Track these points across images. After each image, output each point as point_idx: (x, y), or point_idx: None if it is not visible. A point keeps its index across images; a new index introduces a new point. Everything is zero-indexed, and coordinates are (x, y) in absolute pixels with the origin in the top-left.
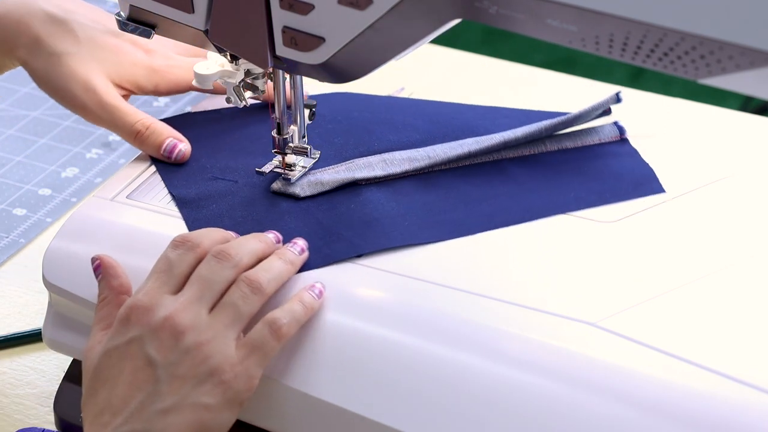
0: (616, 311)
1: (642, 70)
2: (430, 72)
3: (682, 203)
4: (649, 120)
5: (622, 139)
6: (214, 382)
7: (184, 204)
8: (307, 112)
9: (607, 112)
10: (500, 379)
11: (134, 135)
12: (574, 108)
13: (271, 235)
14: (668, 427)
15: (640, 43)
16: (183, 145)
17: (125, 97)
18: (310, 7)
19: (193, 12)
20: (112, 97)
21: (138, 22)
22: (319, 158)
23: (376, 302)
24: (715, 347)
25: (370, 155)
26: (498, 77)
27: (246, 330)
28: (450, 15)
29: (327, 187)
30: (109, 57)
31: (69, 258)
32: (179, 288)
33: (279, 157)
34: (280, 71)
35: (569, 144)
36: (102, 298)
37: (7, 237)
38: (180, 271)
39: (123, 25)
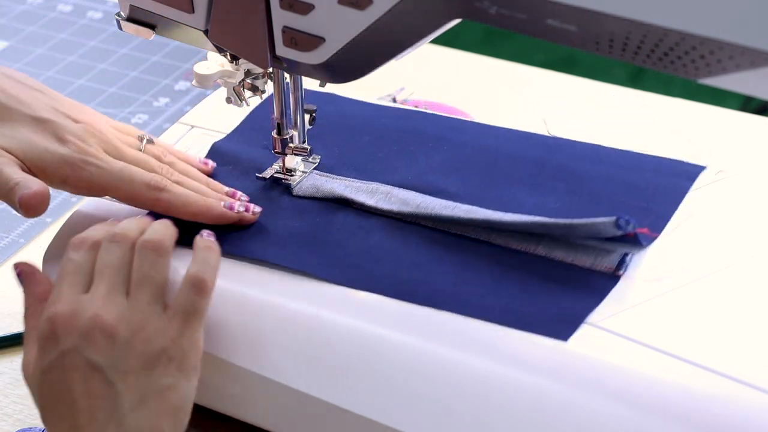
0: (616, 311)
1: (642, 70)
2: (430, 72)
3: (681, 203)
4: (649, 120)
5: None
6: (163, 362)
7: None
8: (307, 117)
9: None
10: (499, 378)
11: (6, 197)
12: (574, 108)
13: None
14: (668, 427)
15: (640, 43)
16: (27, 189)
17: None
18: (310, 7)
19: (193, 12)
20: None
21: (138, 22)
22: (319, 161)
23: (376, 302)
24: (715, 347)
25: (370, 179)
26: (498, 77)
27: (169, 294)
28: (450, 15)
29: (319, 196)
30: (21, 137)
31: None
32: (89, 285)
33: (279, 162)
34: (280, 71)
35: (560, 256)
36: (26, 308)
37: (7, 237)
38: (87, 268)
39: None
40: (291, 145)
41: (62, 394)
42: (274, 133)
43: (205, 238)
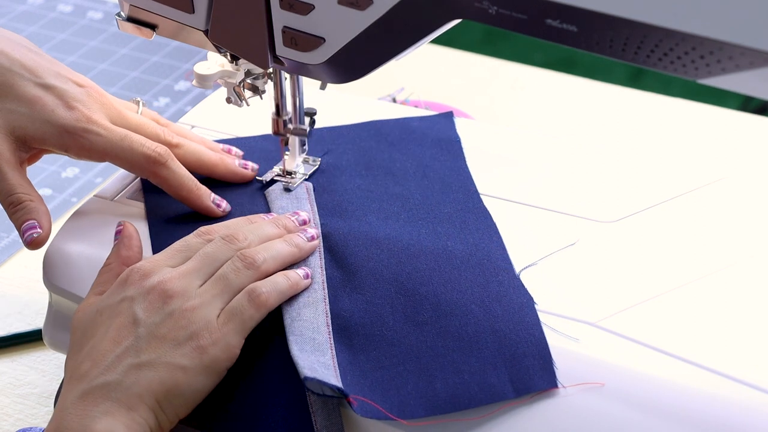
0: (616, 311)
1: (642, 70)
2: (430, 72)
3: (681, 203)
4: (649, 120)
5: None
6: (192, 345)
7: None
8: (307, 119)
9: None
10: None
11: (6, 206)
12: (574, 108)
13: (293, 218)
14: (669, 427)
15: (640, 43)
16: (37, 231)
17: (35, 156)
18: (310, 7)
19: (193, 12)
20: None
21: (138, 22)
22: (318, 167)
23: None
24: (715, 347)
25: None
26: (498, 77)
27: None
28: (450, 15)
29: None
30: (22, 110)
31: (69, 258)
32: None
33: (280, 165)
34: (280, 71)
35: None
36: (106, 264)
37: (7, 237)
38: (192, 252)
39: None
40: (290, 126)
41: (97, 333)
42: (273, 114)
43: (299, 274)
